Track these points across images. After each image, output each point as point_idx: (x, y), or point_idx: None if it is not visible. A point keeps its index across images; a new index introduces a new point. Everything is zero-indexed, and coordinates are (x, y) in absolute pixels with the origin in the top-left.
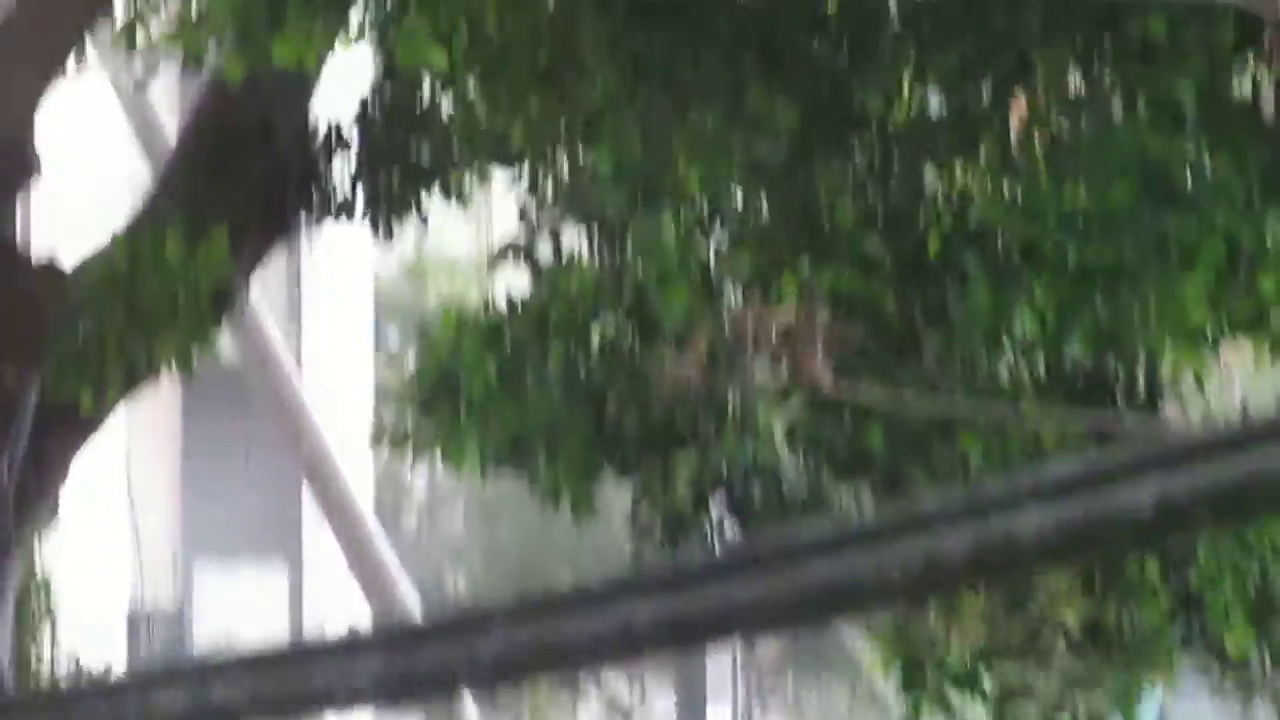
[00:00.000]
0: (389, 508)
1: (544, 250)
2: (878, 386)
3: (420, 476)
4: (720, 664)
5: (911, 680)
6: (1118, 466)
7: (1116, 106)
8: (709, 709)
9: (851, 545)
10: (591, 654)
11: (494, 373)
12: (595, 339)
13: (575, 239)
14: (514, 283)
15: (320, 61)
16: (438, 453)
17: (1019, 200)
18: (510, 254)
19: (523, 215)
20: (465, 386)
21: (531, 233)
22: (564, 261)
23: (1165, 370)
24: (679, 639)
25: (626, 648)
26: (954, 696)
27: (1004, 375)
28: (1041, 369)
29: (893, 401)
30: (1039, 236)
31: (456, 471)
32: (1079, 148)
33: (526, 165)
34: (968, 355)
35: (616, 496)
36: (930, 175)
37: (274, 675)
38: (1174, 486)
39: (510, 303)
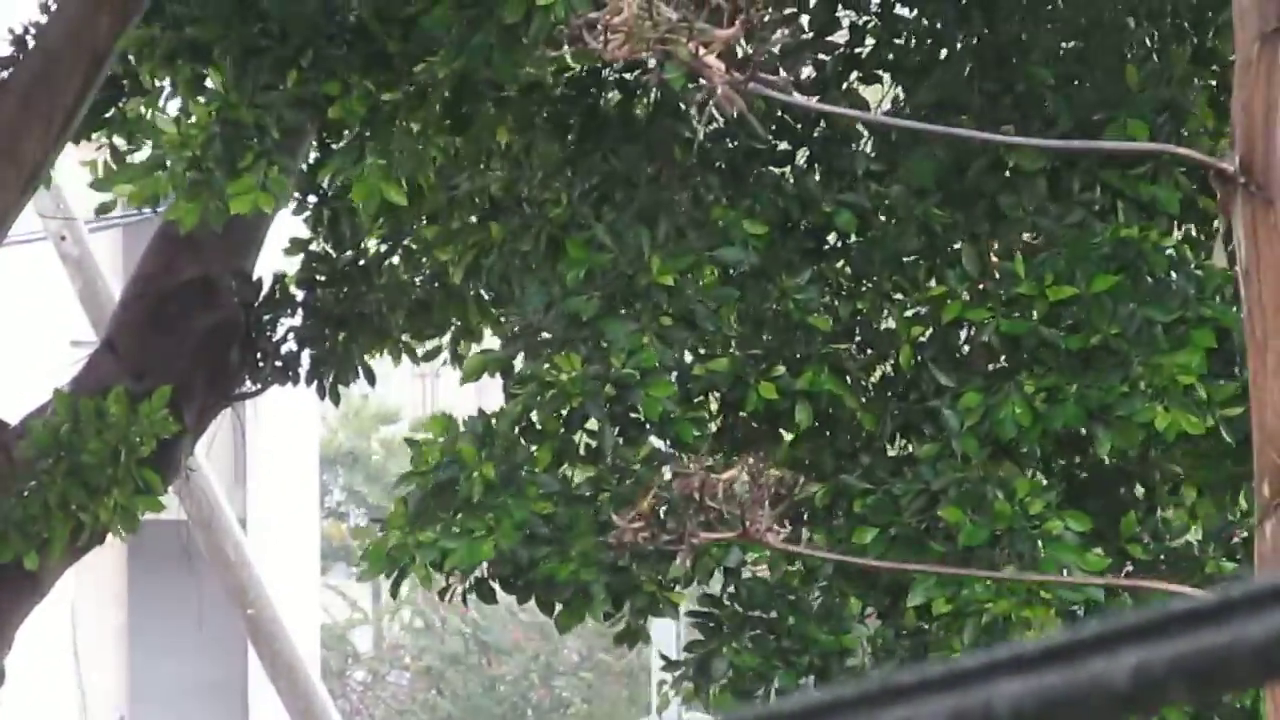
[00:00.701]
0: (336, 669)
1: (520, 360)
2: (824, 536)
3: (367, 637)
4: None
5: None
6: (1095, 637)
7: (1093, 209)
8: None
9: (826, 716)
10: None
11: (491, 472)
12: (581, 443)
13: (551, 348)
14: (488, 399)
15: (275, 210)
16: (437, 559)
17: (1001, 299)
18: (485, 365)
19: (494, 326)
20: (463, 490)
21: (508, 343)
22: (544, 366)
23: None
24: None
25: None
26: None
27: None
28: (1039, 472)
29: (840, 554)
30: (1023, 331)
31: (449, 581)
32: (1059, 243)
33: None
34: (962, 462)
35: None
36: (900, 287)
37: None
38: (1151, 658)
39: (480, 412)
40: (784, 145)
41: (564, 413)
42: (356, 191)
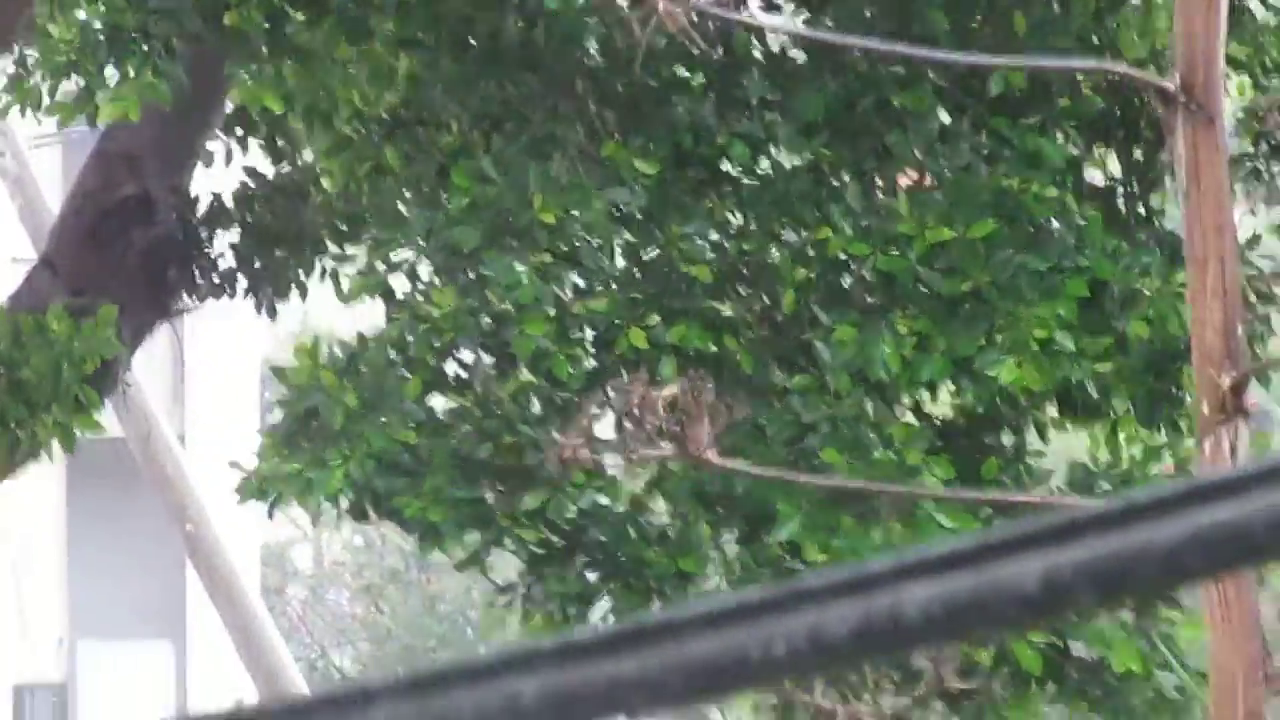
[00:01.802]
0: (275, 586)
1: (400, 285)
2: (750, 450)
3: (306, 554)
4: None
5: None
6: (1004, 542)
7: (981, 153)
8: None
9: (736, 620)
10: None
11: (354, 401)
12: (451, 369)
13: (431, 276)
14: (360, 330)
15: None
16: (301, 490)
17: (884, 238)
18: (365, 287)
19: (376, 249)
20: (326, 416)
21: (387, 268)
22: (424, 293)
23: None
24: (564, 715)
25: None
26: None
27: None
28: (909, 414)
29: (781, 473)
30: (901, 269)
31: (320, 507)
32: (942, 188)
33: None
34: (834, 398)
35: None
36: (789, 231)
37: None
38: (1060, 562)
39: (360, 337)
40: (681, 72)
41: (436, 344)
42: (245, 96)
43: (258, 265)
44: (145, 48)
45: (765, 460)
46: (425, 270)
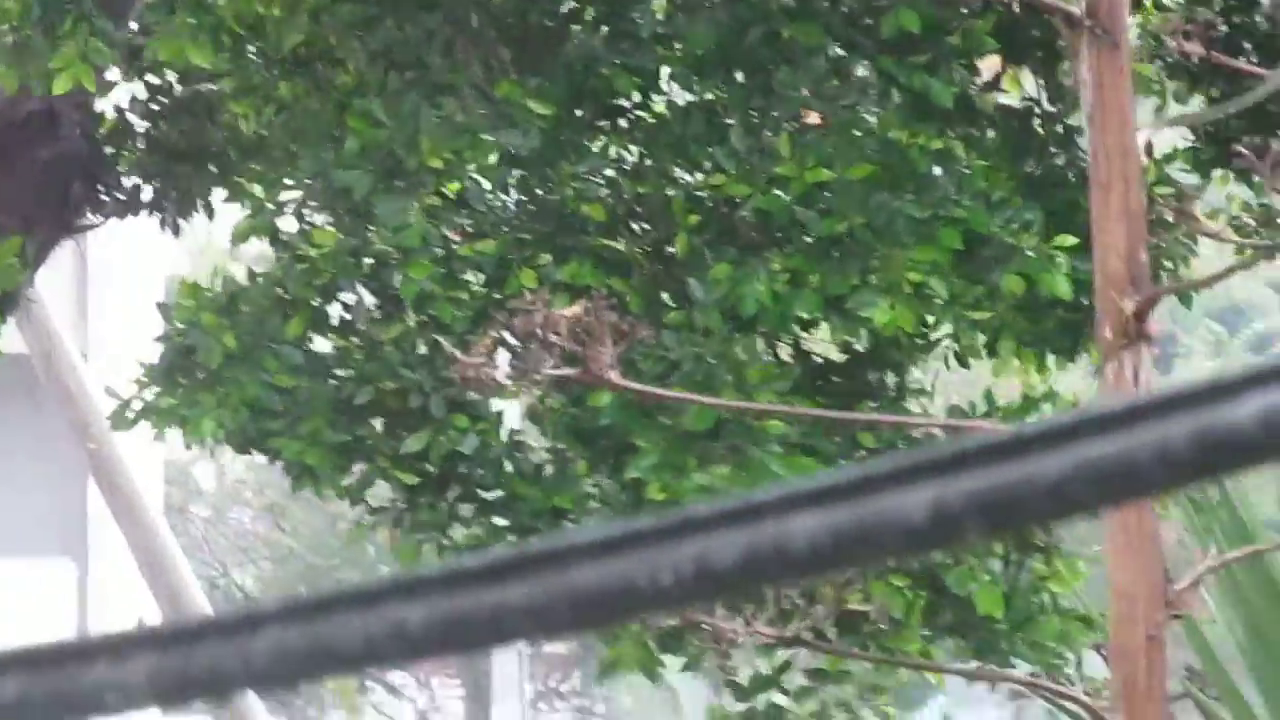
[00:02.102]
0: (178, 504)
1: (288, 225)
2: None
3: (209, 473)
4: (507, 661)
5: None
6: (891, 472)
7: (870, 95)
8: (495, 707)
9: (623, 549)
10: (365, 656)
11: (232, 342)
12: (334, 311)
13: (319, 216)
14: (251, 266)
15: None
16: (176, 426)
17: (766, 178)
18: (253, 229)
19: (268, 189)
20: (203, 356)
21: (276, 208)
22: (306, 235)
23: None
24: (452, 642)
25: (400, 650)
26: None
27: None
28: (785, 354)
29: (674, 395)
30: (778, 208)
31: (198, 443)
32: (827, 129)
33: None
34: (706, 333)
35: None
36: (684, 172)
37: (43, 674)
38: (948, 493)
39: (251, 274)
40: (573, 4)
41: (317, 284)
42: (162, 49)
43: (161, 182)
44: (76, 4)
45: (631, 395)
46: (315, 213)
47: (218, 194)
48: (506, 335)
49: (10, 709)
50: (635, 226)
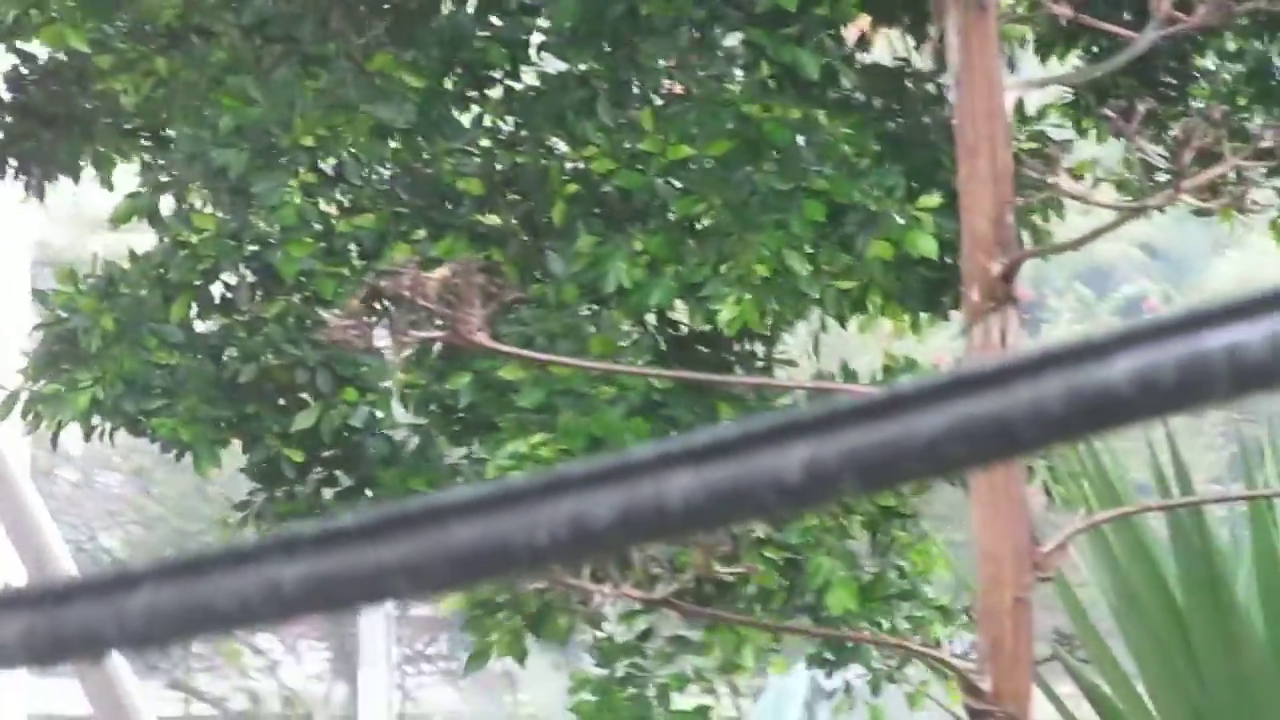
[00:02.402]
0: (44, 468)
1: (166, 206)
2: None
3: (76, 437)
4: (374, 625)
5: (481, 621)
6: (767, 430)
7: (736, 67)
8: (361, 670)
9: (499, 507)
10: (239, 616)
11: (111, 324)
12: (216, 292)
13: (198, 196)
14: (132, 247)
15: None
16: (57, 412)
17: (630, 155)
18: (134, 210)
19: (146, 171)
20: (83, 341)
21: (154, 189)
22: (186, 216)
23: (730, 320)
24: (327, 601)
25: (275, 610)
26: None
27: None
28: (642, 328)
29: (542, 359)
30: (638, 186)
31: (80, 428)
32: (691, 103)
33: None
34: (563, 308)
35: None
36: (559, 142)
37: None
38: (823, 451)
39: (132, 255)
40: None
41: (200, 269)
42: (44, 35)
43: (26, 148)
44: None
45: (496, 369)
46: (192, 193)
47: (84, 162)
48: (381, 300)
49: None
50: (511, 197)
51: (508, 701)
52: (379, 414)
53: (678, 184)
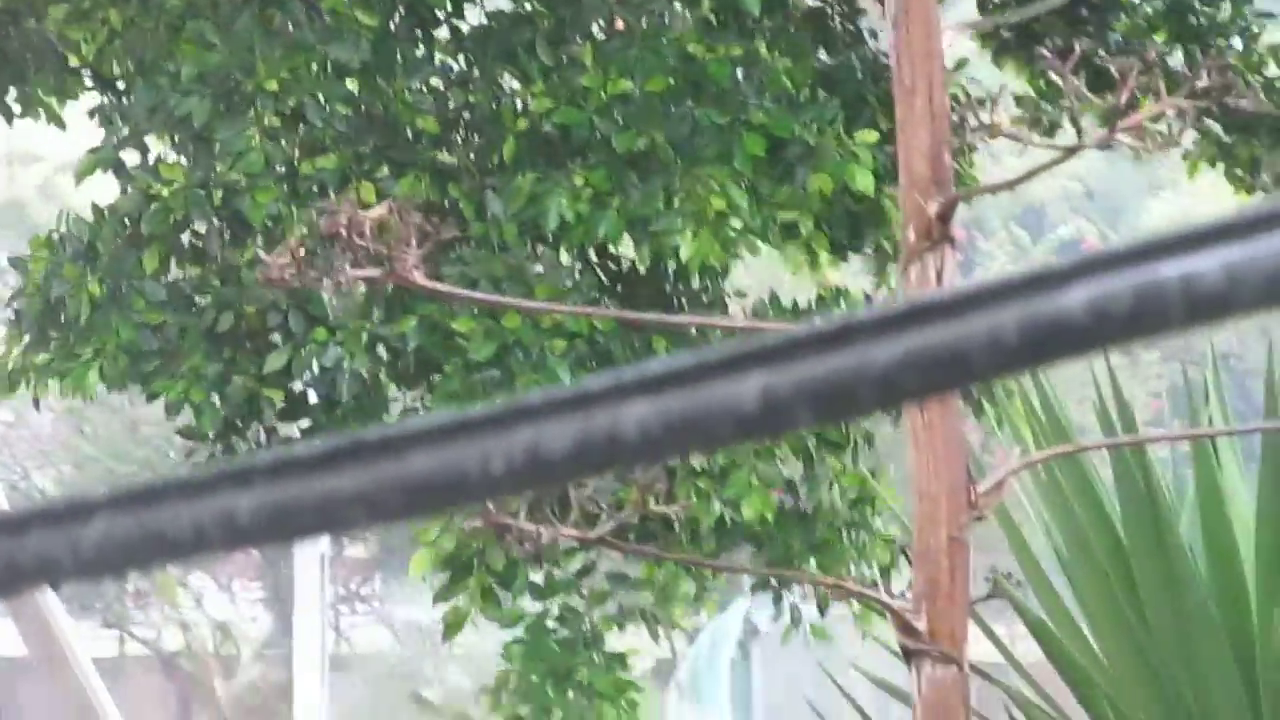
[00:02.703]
0: None
1: (130, 159)
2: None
3: None
4: (308, 565)
5: (454, 583)
6: (723, 360)
7: (677, 3)
8: (295, 610)
9: (454, 436)
10: (194, 545)
11: (97, 289)
12: (187, 243)
13: (162, 147)
14: (94, 201)
15: None
16: (57, 384)
17: (569, 91)
18: (96, 163)
19: (107, 124)
20: (71, 308)
21: (117, 142)
22: (153, 168)
23: (689, 260)
24: (282, 530)
25: (229, 538)
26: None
27: (539, 269)
28: (584, 265)
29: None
30: (577, 122)
31: (82, 396)
32: (632, 39)
33: (110, 77)
34: (505, 250)
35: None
36: (512, 81)
37: None
38: (778, 381)
39: (98, 212)
40: None
41: (171, 220)
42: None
43: None
44: None
45: (440, 315)
46: (155, 142)
47: (15, 103)
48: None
49: None
50: (464, 136)
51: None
52: (350, 355)
53: (619, 120)
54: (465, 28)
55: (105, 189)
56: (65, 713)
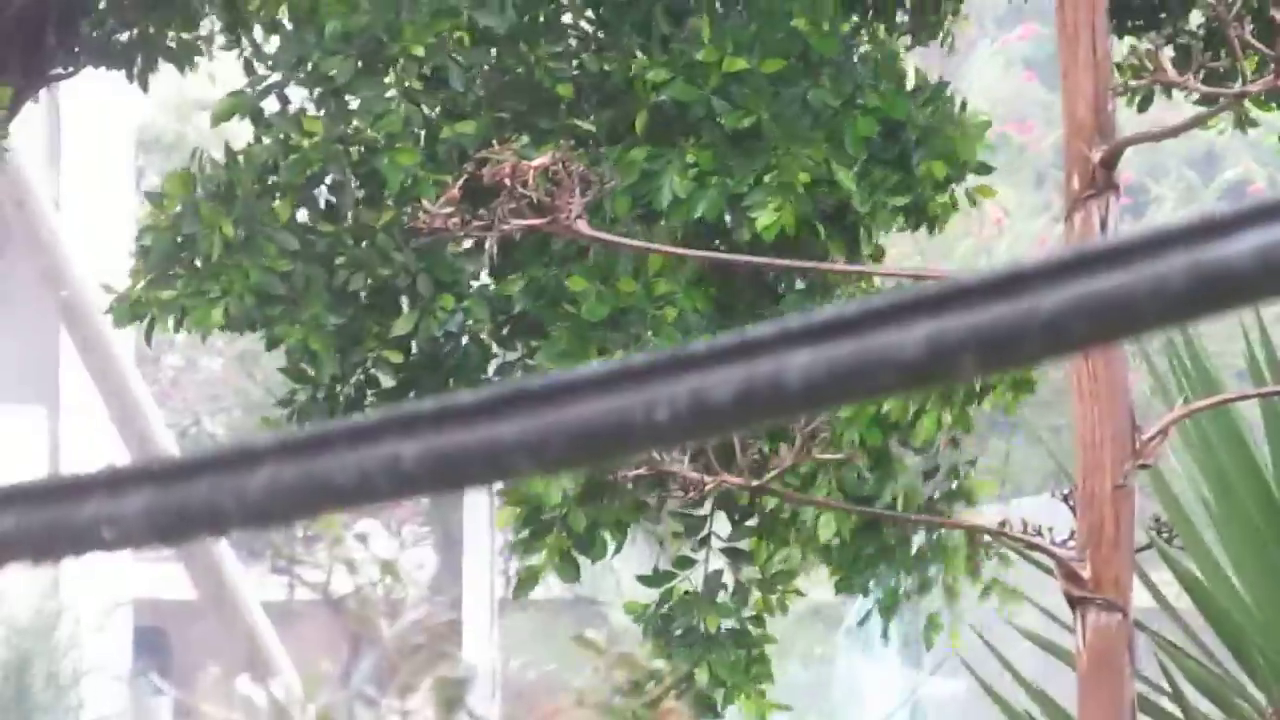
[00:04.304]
0: (149, 354)
1: (270, 107)
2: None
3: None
4: (477, 509)
5: (534, 539)
6: (889, 307)
7: None
8: (465, 557)
9: (619, 385)
10: (359, 492)
11: (230, 231)
12: (322, 197)
13: (302, 97)
14: (228, 143)
15: None
16: (179, 319)
17: (686, 65)
18: (235, 108)
19: (249, 71)
20: (202, 247)
21: (258, 90)
22: (296, 119)
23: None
24: (446, 478)
25: (395, 485)
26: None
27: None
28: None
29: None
30: (694, 99)
31: (201, 335)
32: (750, 16)
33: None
34: (615, 222)
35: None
36: (646, 49)
37: (39, 508)
38: (945, 329)
39: (230, 155)
40: None
41: (308, 173)
42: None
43: (130, 33)
44: None
45: (546, 279)
46: (296, 94)
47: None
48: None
49: (8, 543)
50: (597, 104)
51: (608, 585)
52: (472, 320)
53: (731, 97)
54: None
55: (235, 134)
56: (235, 655)
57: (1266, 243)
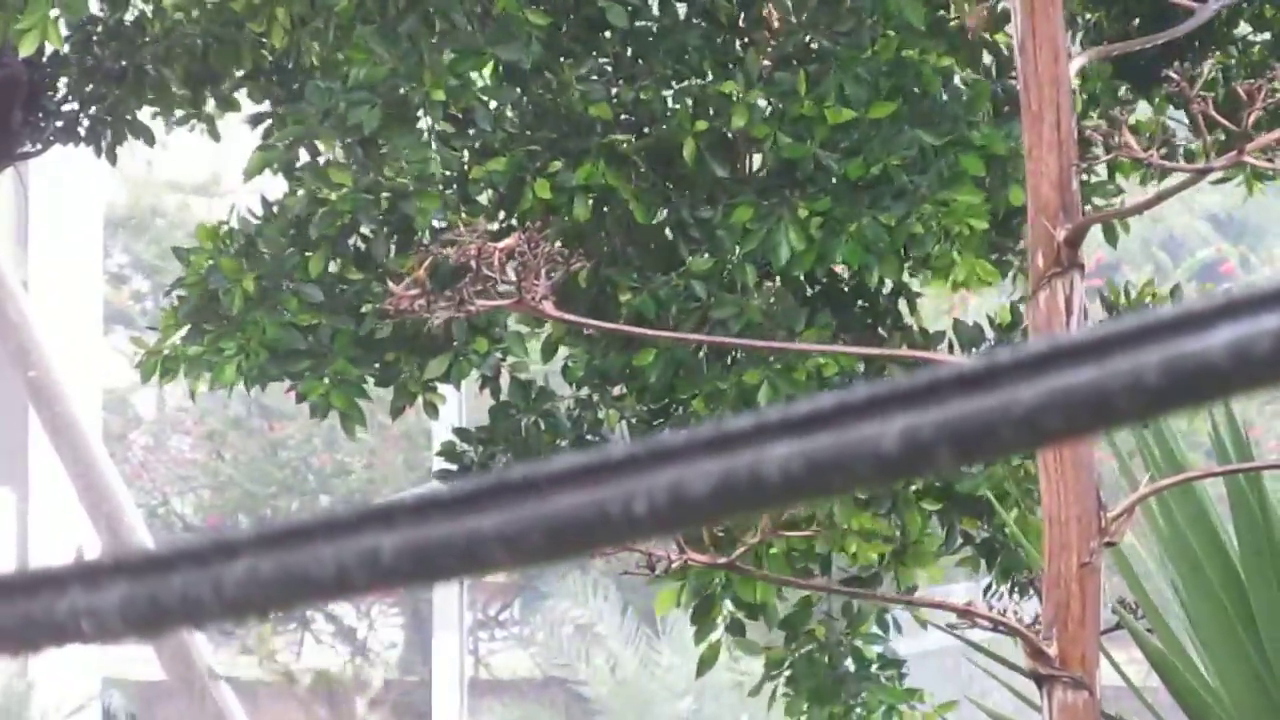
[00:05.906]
0: (117, 432)
1: (300, 159)
2: (633, 301)
3: (149, 401)
4: (447, 592)
5: (705, 611)
6: (865, 401)
7: (865, 22)
8: (435, 637)
9: (597, 477)
10: (337, 585)
11: (251, 286)
12: (353, 247)
13: (329, 150)
14: (264, 194)
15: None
16: (206, 375)
17: (783, 117)
18: (266, 162)
19: (279, 125)
20: (226, 301)
21: (290, 141)
22: (322, 172)
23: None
24: (425, 571)
25: (373, 578)
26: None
27: (767, 299)
28: (806, 291)
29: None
30: (802, 155)
31: (224, 389)
32: (831, 57)
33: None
34: (731, 274)
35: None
36: (686, 79)
37: (15, 601)
38: (920, 422)
39: (266, 207)
40: None
41: (338, 224)
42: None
43: (96, 108)
44: None
45: (677, 352)
46: (323, 145)
47: (153, 119)
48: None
49: None
50: (634, 129)
51: (580, 667)
52: (511, 358)
53: (837, 150)
54: (627, 24)
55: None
56: None
57: (1241, 336)
